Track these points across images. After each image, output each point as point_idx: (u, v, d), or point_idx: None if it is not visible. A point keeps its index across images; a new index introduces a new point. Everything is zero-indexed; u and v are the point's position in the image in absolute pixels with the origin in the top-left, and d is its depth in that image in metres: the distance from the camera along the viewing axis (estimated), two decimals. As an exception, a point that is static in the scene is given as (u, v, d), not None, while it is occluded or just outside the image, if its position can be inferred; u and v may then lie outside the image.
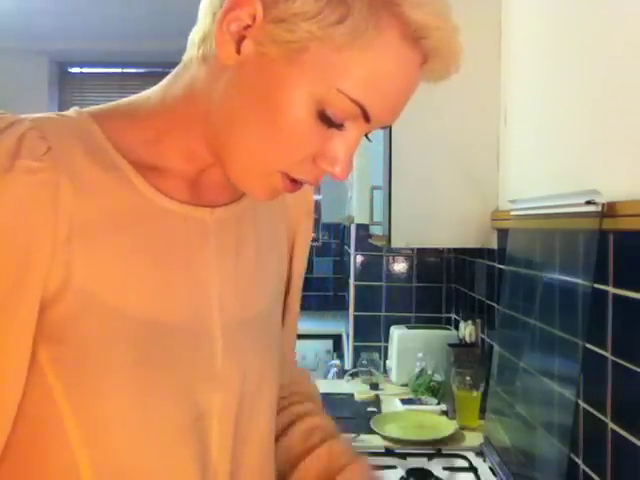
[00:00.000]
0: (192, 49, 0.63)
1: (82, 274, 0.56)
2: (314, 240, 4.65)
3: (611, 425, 1.03)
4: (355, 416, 1.83)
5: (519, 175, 1.65)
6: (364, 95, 0.56)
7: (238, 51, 0.57)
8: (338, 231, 4.31)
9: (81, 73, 4.54)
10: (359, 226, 2.52)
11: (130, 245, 0.59)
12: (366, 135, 0.63)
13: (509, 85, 1.72)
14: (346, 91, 0.55)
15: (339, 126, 0.58)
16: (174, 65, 0.66)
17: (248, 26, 0.56)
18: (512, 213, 1.52)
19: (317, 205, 4.59)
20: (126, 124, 0.63)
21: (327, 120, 0.57)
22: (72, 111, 0.63)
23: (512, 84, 1.70)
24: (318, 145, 0.59)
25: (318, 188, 4.71)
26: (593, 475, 1.10)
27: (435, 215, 1.80)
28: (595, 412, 1.09)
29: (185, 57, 0.64)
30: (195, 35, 0.63)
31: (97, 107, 0.65)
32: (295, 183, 0.62)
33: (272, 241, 0.76)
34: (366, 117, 0.57)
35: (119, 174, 0.60)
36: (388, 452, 1.55)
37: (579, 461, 1.15)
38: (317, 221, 4.63)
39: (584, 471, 1.13)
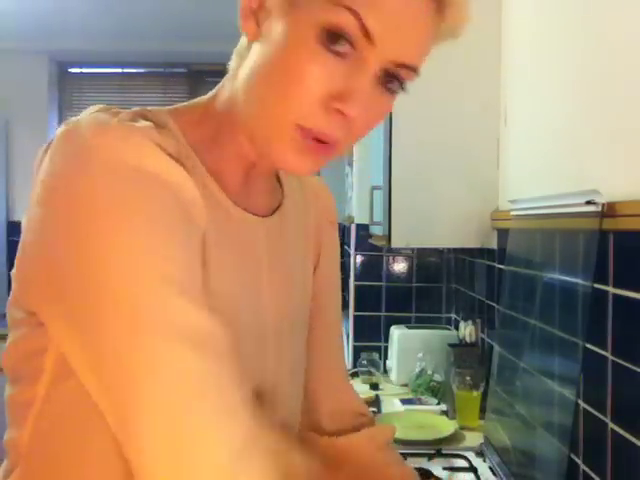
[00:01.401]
0: (234, 55, 0.66)
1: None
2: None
3: (611, 425, 1.03)
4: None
5: (519, 175, 1.65)
6: (364, 5, 0.55)
7: (258, 24, 0.61)
8: (338, 231, 4.31)
9: (81, 73, 4.54)
10: (359, 226, 2.52)
11: (207, 243, 0.62)
12: (400, 84, 0.61)
13: (509, 85, 1.72)
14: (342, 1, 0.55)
15: (341, 50, 0.56)
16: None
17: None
18: (512, 213, 1.52)
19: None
20: (193, 123, 0.66)
21: (327, 39, 0.56)
22: (154, 110, 0.65)
23: (512, 84, 1.70)
24: (325, 81, 0.57)
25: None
26: (593, 475, 1.10)
27: (435, 215, 1.80)
28: (595, 412, 1.09)
29: (229, 66, 0.67)
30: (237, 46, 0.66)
31: (167, 111, 0.66)
32: (320, 143, 0.60)
33: (301, 256, 0.78)
34: (366, 34, 0.56)
35: (196, 173, 0.62)
36: (388, 452, 1.55)
37: (579, 461, 1.15)
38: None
39: (584, 471, 1.13)
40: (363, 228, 2.46)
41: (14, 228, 3.90)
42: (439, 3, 0.59)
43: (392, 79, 0.60)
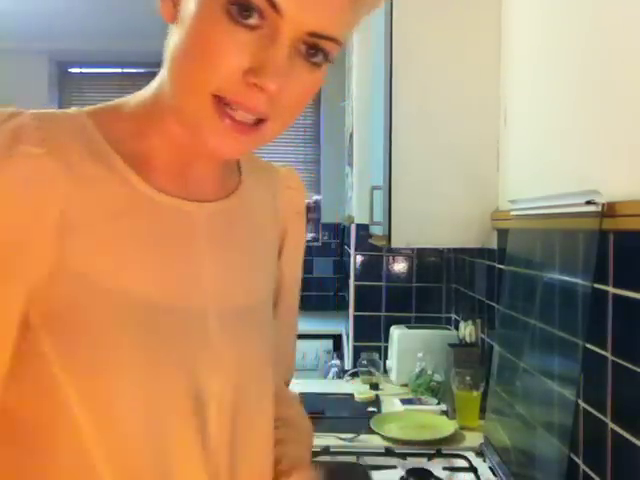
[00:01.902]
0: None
1: (77, 259, 0.58)
2: (314, 240, 4.65)
3: (611, 425, 1.03)
4: (355, 416, 1.83)
5: (519, 175, 1.65)
6: None
7: (175, 4, 0.61)
8: (338, 231, 4.31)
9: (81, 73, 4.54)
10: (359, 226, 2.52)
11: (123, 232, 0.61)
12: (324, 56, 0.59)
13: (509, 85, 1.72)
14: None
15: (252, 23, 0.56)
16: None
17: None
18: (512, 213, 1.52)
19: (317, 205, 4.59)
20: (114, 117, 0.66)
21: (236, 13, 0.55)
22: (70, 109, 0.65)
23: (512, 84, 1.70)
24: (239, 55, 0.56)
25: (319, 188, 4.70)
26: (593, 475, 1.10)
27: (435, 215, 1.80)
28: (595, 412, 1.09)
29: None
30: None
31: (92, 106, 0.67)
32: (238, 123, 0.59)
33: (263, 241, 0.77)
34: (273, 5, 0.55)
35: (111, 166, 0.62)
36: (388, 452, 1.55)
37: (579, 461, 1.15)
38: (317, 221, 4.63)
39: (584, 471, 1.13)
40: (363, 228, 2.46)
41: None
42: None
43: (315, 51, 0.59)
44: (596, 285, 1.05)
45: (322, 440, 1.62)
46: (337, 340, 3.52)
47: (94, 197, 0.60)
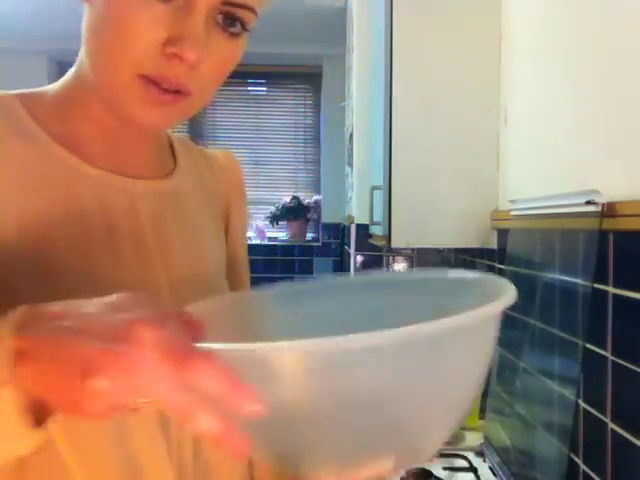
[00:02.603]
0: None
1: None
2: (314, 240, 4.66)
3: (611, 425, 1.03)
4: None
5: (519, 175, 1.65)
6: None
7: None
8: (338, 231, 4.31)
9: (81, 73, 4.54)
10: (359, 226, 2.52)
11: (51, 204, 0.61)
12: (242, 26, 0.61)
13: (509, 85, 1.72)
14: None
15: None
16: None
17: None
18: (512, 213, 1.52)
19: (317, 205, 4.60)
20: (42, 98, 0.67)
21: None
22: None
23: (512, 84, 1.70)
24: (156, 28, 0.57)
25: (319, 188, 4.70)
26: (593, 475, 1.10)
27: (435, 215, 1.80)
28: (595, 412, 1.09)
29: None
30: None
31: (20, 89, 0.68)
32: (164, 92, 0.59)
33: (207, 216, 0.78)
34: None
35: (37, 143, 0.62)
36: (388, 452, 1.55)
37: (579, 461, 1.15)
38: (317, 221, 4.63)
39: (584, 471, 1.13)
40: (363, 228, 2.46)
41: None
42: None
43: (231, 21, 0.60)
44: (596, 285, 1.04)
45: (322, 440, 1.62)
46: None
47: (18, 173, 0.60)
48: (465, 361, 0.46)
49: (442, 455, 1.53)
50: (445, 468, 1.46)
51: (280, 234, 4.62)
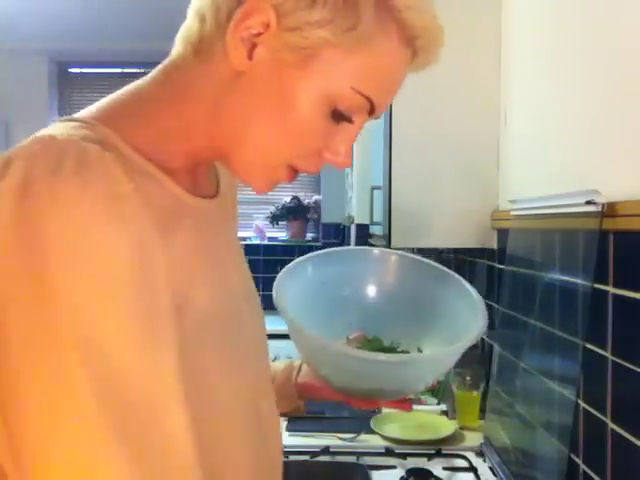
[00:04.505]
0: (183, 48, 0.63)
1: (175, 278, 0.57)
2: (314, 240, 4.65)
3: (611, 425, 1.03)
4: (355, 416, 1.83)
5: (519, 175, 1.65)
6: (374, 91, 0.61)
7: (250, 57, 0.59)
8: (338, 231, 4.31)
9: (81, 73, 4.54)
10: (359, 226, 2.52)
11: (185, 243, 0.62)
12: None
13: (509, 85, 1.72)
14: (358, 88, 0.60)
15: (349, 120, 0.62)
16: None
17: (260, 33, 0.58)
18: (512, 213, 1.52)
19: (317, 205, 4.59)
20: (132, 125, 0.62)
21: (339, 116, 0.61)
22: (78, 124, 0.59)
23: (512, 84, 1.70)
24: (325, 139, 0.63)
25: (318, 188, 4.71)
26: (593, 475, 1.10)
27: (435, 215, 1.80)
28: (595, 412, 1.09)
29: (174, 56, 0.64)
30: (185, 34, 0.63)
31: (96, 112, 0.63)
32: (295, 173, 0.65)
33: (236, 232, 0.82)
34: (372, 109, 0.63)
35: (151, 178, 0.60)
36: (388, 452, 1.55)
37: (579, 461, 1.15)
38: (317, 221, 4.63)
39: (584, 471, 1.13)
40: (363, 228, 2.46)
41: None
42: (413, 52, 0.65)
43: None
44: (596, 285, 1.05)
45: (322, 440, 1.62)
46: (337, 340, 3.51)
47: (158, 214, 0.57)
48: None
49: (442, 455, 1.53)
50: (445, 468, 1.46)
51: (280, 234, 4.62)
